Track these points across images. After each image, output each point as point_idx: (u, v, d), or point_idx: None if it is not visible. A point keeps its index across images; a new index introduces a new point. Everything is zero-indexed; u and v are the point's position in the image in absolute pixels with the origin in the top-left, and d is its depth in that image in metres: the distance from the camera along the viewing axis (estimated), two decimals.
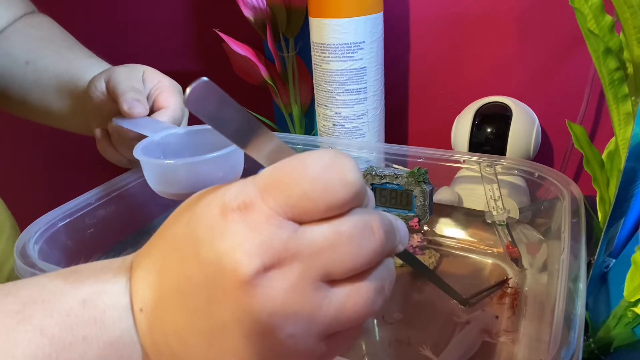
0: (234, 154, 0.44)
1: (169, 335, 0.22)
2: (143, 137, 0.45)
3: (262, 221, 0.20)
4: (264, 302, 0.20)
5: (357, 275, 0.21)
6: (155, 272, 0.22)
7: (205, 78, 0.20)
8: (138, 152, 0.43)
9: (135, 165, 0.51)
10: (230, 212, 0.20)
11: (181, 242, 0.22)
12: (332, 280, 0.21)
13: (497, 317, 0.43)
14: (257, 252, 0.19)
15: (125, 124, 0.46)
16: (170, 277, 0.22)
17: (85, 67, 0.54)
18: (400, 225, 0.24)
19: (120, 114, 0.47)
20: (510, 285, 0.46)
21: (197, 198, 0.22)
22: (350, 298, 0.21)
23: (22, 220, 0.59)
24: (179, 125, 0.50)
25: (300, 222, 0.20)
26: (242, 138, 0.22)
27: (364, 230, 0.21)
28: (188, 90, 0.20)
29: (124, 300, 0.23)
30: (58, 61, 0.55)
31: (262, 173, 0.21)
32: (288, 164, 0.20)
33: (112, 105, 0.48)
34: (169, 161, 0.42)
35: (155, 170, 0.43)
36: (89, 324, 0.22)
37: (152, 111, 0.49)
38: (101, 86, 0.48)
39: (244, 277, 0.19)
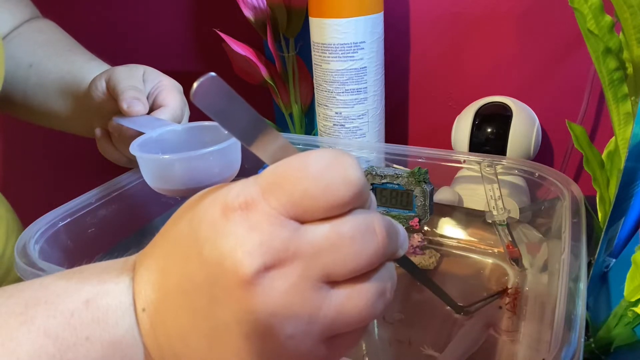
0: (231, 150, 0.43)
1: (171, 335, 0.22)
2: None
3: (264, 220, 0.20)
4: (264, 302, 0.20)
5: (358, 277, 0.21)
6: (158, 272, 0.22)
7: (212, 73, 0.20)
8: (134, 148, 0.43)
9: (136, 164, 0.51)
10: (231, 212, 0.20)
11: (183, 242, 0.22)
12: (333, 282, 0.21)
13: (500, 307, 0.43)
14: (258, 252, 0.19)
15: (125, 122, 0.46)
16: (172, 277, 0.22)
17: (87, 69, 0.54)
18: (400, 229, 0.24)
19: (120, 113, 0.47)
20: (510, 287, 0.46)
21: (199, 197, 0.22)
22: (351, 300, 0.21)
23: (23, 220, 0.59)
24: (178, 124, 0.50)
25: (302, 221, 0.20)
26: (248, 135, 0.21)
27: (365, 231, 0.20)
28: (195, 84, 0.19)
29: (127, 300, 0.23)
30: (61, 64, 0.55)
31: (264, 172, 0.21)
32: (290, 162, 0.20)
33: (112, 105, 0.48)
34: (164, 156, 0.42)
35: (151, 165, 0.43)
36: (92, 324, 0.22)
37: (152, 110, 0.49)
38: (102, 85, 0.49)
39: (245, 276, 0.19)
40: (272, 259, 0.19)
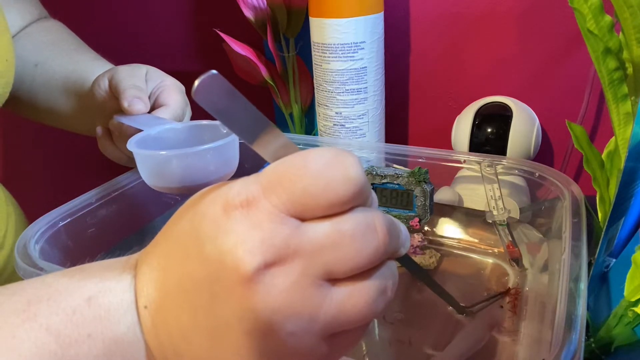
0: (228, 148, 0.43)
1: (173, 332, 0.22)
2: None
3: (264, 218, 0.20)
4: (265, 299, 0.20)
5: (359, 275, 0.21)
6: (160, 270, 0.22)
7: (214, 71, 0.20)
8: (132, 144, 0.43)
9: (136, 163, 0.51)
10: (232, 209, 0.20)
11: (185, 240, 0.22)
12: (334, 279, 0.21)
13: (501, 306, 0.43)
14: (259, 249, 0.19)
15: (126, 121, 0.46)
16: (173, 275, 0.22)
17: (92, 68, 0.54)
18: (402, 228, 0.24)
19: (122, 111, 0.47)
20: (510, 287, 0.46)
21: (200, 195, 0.23)
22: (351, 298, 0.21)
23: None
24: None
25: (303, 219, 0.20)
26: (249, 133, 0.22)
27: (366, 229, 0.21)
28: (197, 82, 0.19)
29: (129, 298, 0.23)
30: (66, 63, 0.56)
31: (265, 170, 0.21)
32: (291, 160, 0.20)
33: (115, 103, 0.48)
34: (160, 152, 0.42)
35: (148, 162, 0.43)
36: (94, 322, 0.22)
37: (154, 109, 0.49)
38: (104, 84, 0.49)
39: (246, 274, 0.19)
40: (272, 257, 0.19)
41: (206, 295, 0.20)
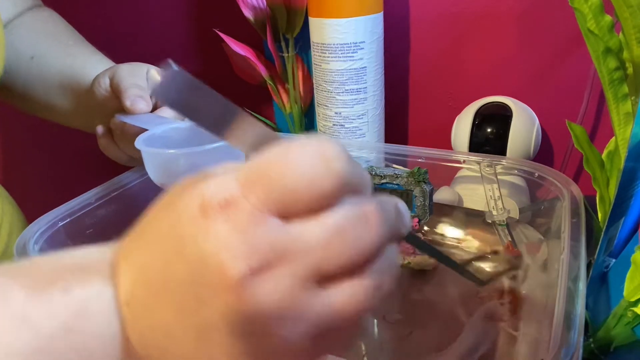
0: None
1: (157, 331, 0.21)
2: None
3: (245, 220, 0.18)
4: (253, 304, 0.19)
5: (353, 270, 0.20)
6: (140, 267, 0.21)
7: (173, 65, 0.18)
8: (140, 142, 0.43)
9: (136, 163, 0.51)
10: (211, 210, 0.19)
11: (165, 237, 0.21)
12: (325, 277, 0.20)
13: (501, 303, 0.43)
14: (243, 255, 0.18)
15: (128, 120, 0.46)
16: (156, 273, 0.21)
17: (90, 63, 0.54)
18: (400, 207, 0.22)
19: (123, 110, 0.47)
20: (510, 285, 0.46)
21: (179, 190, 0.21)
22: (344, 297, 0.20)
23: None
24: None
25: (287, 217, 0.19)
26: (219, 126, 0.20)
27: (357, 222, 0.19)
28: (153, 80, 0.19)
29: (108, 293, 0.22)
30: (63, 57, 0.55)
31: (243, 166, 0.20)
32: (270, 155, 0.19)
33: (115, 102, 0.48)
34: (169, 151, 0.42)
35: (156, 160, 0.43)
36: (73, 317, 0.21)
37: (155, 108, 0.49)
38: (105, 83, 0.49)
39: (231, 280, 0.18)
40: (258, 263, 0.18)
41: (191, 295, 0.20)
